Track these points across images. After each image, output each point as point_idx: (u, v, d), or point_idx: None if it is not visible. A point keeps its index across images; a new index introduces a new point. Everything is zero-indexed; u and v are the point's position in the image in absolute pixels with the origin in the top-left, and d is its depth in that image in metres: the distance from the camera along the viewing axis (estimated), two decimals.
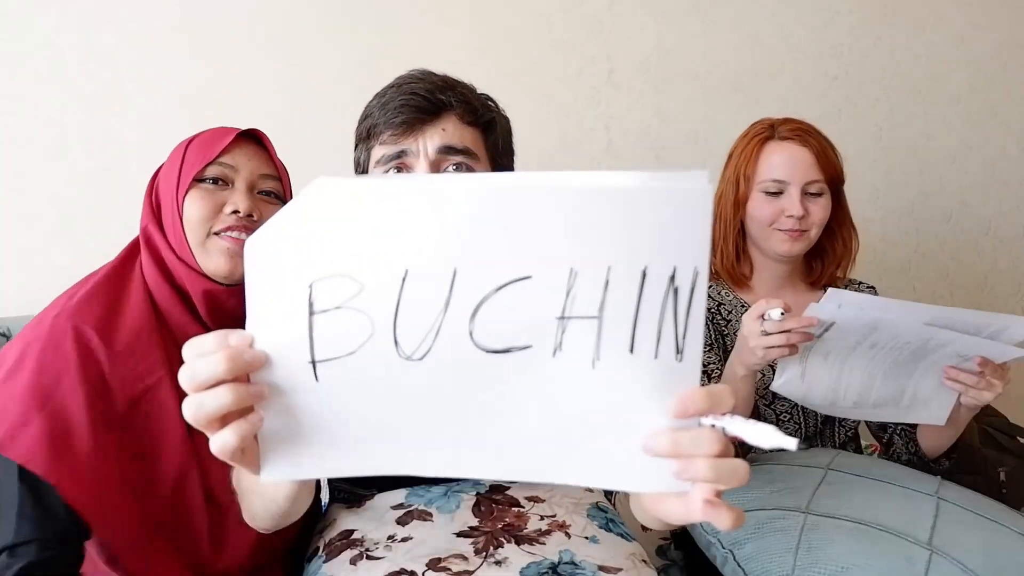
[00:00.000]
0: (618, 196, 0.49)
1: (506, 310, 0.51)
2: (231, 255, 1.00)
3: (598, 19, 1.92)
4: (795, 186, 1.31)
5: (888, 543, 1.02)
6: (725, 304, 1.38)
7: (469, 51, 1.87)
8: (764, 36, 1.99)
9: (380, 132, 0.95)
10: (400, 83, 0.96)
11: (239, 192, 1.02)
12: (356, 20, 1.82)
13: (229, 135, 1.04)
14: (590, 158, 1.95)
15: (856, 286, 1.44)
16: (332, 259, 0.52)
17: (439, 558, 0.96)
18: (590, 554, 0.99)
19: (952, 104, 2.09)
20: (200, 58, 1.76)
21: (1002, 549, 1.01)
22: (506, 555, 0.97)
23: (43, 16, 1.71)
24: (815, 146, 1.31)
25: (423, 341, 0.52)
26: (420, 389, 0.53)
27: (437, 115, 0.93)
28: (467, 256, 0.51)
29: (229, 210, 1.01)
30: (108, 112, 1.72)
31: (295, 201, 0.52)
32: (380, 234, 0.51)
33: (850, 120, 2.04)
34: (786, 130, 1.33)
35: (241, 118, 1.81)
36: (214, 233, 1.01)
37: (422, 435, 0.55)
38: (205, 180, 1.02)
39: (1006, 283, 2.16)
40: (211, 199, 1.01)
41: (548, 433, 0.54)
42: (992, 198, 2.13)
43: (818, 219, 1.32)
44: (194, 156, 1.02)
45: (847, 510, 1.08)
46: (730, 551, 1.15)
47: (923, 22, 2.06)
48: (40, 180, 1.69)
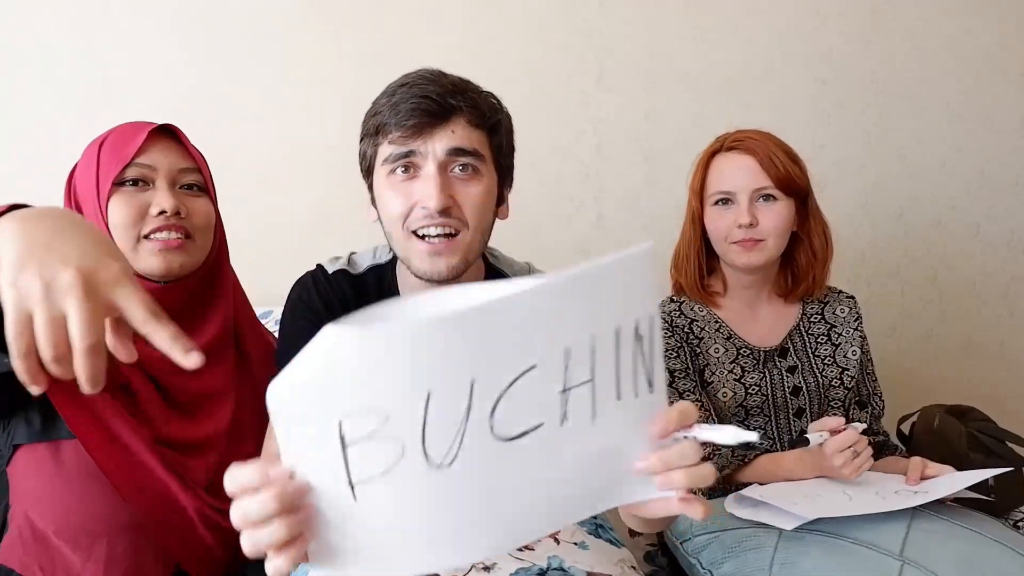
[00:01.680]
0: (586, 279, 0.57)
1: (519, 399, 0.58)
2: (164, 255, 0.99)
3: (589, 21, 1.92)
4: (743, 194, 1.30)
5: (861, 556, 1.03)
6: (698, 321, 1.38)
7: (461, 53, 1.86)
8: (755, 39, 1.99)
9: (390, 131, 0.95)
10: (412, 82, 0.96)
11: (162, 191, 1.00)
12: (349, 21, 1.81)
13: (141, 133, 1.01)
14: (580, 161, 1.94)
15: (836, 295, 1.44)
16: (356, 397, 0.55)
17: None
18: (579, 560, 1.00)
19: (942, 108, 2.09)
20: (192, 59, 1.75)
21: (977, 557, 1.02)
22: (495, 561, 0.97)
23: (35, 17, 1.70)
24: (760, 152, 1.29)
25: (450, 448, 0.57)
26: (451, 489, 0.58)
27: (447, 118, 0.94)
28: (481, 365, 0.56)
29: (155, 211, 0.99)
30: (100, 113, 1.70)
31: (309, 350, 0.54)
32: (399, 370, 0.54)
33: (840, 124, 2.04)
34: (732, 140, 1.33)
35: (233, 119, 1.82)
36: (144, 236, 0.99)
37: (458, 531, 0.60)
38: (125, 183, 0.99)
39: (995, 287, 2.16)
40: (135, 202, 0.99)
41: (562, 488, 0.62)
42: (981, 202, 2.13)
43: (771, 226, 1.30)
44: (109, 159, 0.99)
45: (821, 523, 1.09)
46: (709, 571, 1.15)
47: (913, 26, 2.06)
48: (31, 180, 1.67)
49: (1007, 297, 2.17)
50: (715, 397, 1.34)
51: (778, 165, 1.28)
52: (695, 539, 1.21)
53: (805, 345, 1.38)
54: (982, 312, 2.16)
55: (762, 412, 1.34)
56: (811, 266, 1.36)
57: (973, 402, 1.72)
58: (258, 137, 1.79)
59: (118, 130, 1.03)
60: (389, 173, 0.96)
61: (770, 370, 1.35)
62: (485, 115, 0.97)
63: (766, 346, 1.37)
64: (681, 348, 1.35)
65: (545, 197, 1.93)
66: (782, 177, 1.28)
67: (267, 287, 1.76)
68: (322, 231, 1.83)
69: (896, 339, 2.11)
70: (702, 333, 1.37)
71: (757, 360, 1.35)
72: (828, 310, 1.41)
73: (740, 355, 1.35)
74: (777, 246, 1.32)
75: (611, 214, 1.96)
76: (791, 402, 1.35)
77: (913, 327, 2.13)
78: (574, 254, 1.96)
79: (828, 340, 1.39)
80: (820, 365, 1.37)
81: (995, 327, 2.17)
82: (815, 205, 1.35)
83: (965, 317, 2.16)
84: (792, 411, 1.35)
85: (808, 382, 1.35)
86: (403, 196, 0.95)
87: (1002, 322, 2.17)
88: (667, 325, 1.36)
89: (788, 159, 1.30)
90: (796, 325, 1.39)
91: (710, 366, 1.35)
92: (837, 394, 1.37)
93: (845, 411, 1.38)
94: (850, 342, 1.39)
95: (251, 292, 1.67)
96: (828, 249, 1.36)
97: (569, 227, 1.95)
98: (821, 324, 1.40)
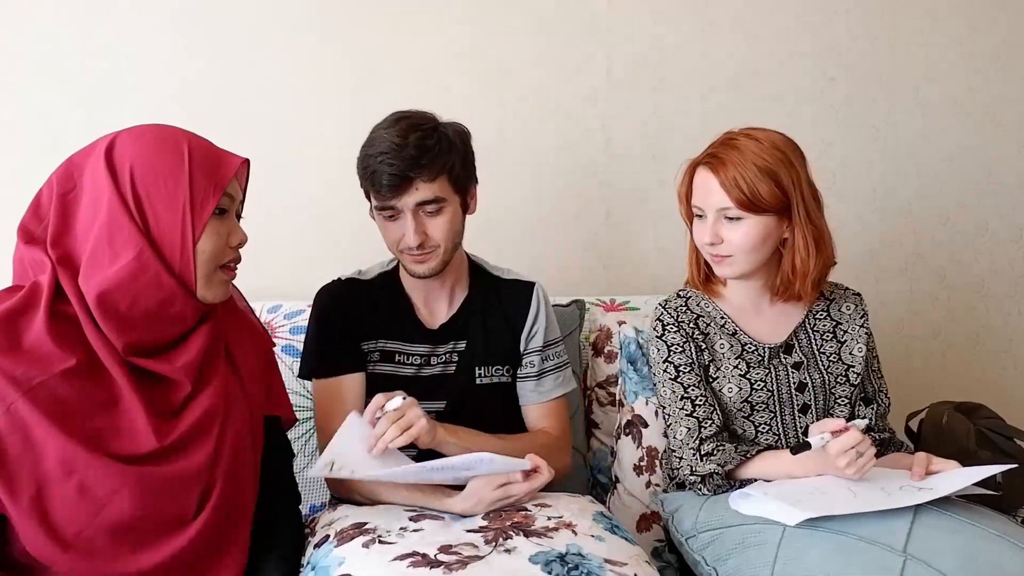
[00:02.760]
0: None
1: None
2: (226, 286, 1.03)
3: (596, 18, 1.92)
4: (709, 212, 1.29)
5: (864, 552, 1.03)
6: (703, 316, 1.38)
7: (467, 50, 1.86)
8: (762, 36, 1.99)
9: (373, 190, 1.27)
10: (381, 152, 1.23)
11: (235, 224, 1.05)
12: (353, 18, 1.82)
13: (230, 162, 1.01)
14: (588, 158, 1.94)
15: (842, 292, 1.43)
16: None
17: (450, 544, 1.00)
18: (596, 549, 1.02)
19: (950, 105, 2.09)
20: (197, 53, 1.76)
21: (981, 552, 1.02)
22: (515, 545, 1.01)
23: (40, 10, 1.71)
24: (726, 172, 1.26)
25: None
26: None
27: (410, 183, 1.23)
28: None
29: (235, 242, 1.02)
30: (105, 106, 1.72)
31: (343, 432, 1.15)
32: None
33: (848, 121, 2.04)
34: (708, 154, 1.31)
35: (237, 113, 1.82)
36: (220, 266, 1.01)
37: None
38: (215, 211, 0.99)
39: (1003, 284, 2.16)
40: (223, 231, 1.00)
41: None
42: (989, 199, 2.13)
43: (736, 244, 1.28)
44: (206, 184, 0.97)
45: (825, 519, 1.09)
46: (714, 568, 1.16)
47: (921, 23, 2.06)
48: (36, 174, 1.67)
49: (1015, 294, 2.17)
50: (720, 393, 1.34)
51: (742, 186, 1.24)
52: (699, 536, 1.22)
53: (811, 342, 1.38)
54: (990, 309, 2.15)
55: (767, 408, 1.35)
56: (793, 279, 1.32)
57: (981, 399, 1.72)
58: (264, 130, 1.79)
59: (200, 149, 1.00)
60: (379, 215, 1.30)
61: (775, 366, 1.35)
62: (440, 168, 1.25)
63: (771, 343, 1.37)
64: (687, 343, 1.35)
65: (553, 194, 1.94)
66: (743, 200, 1.25)
67: (274, 281, 1.77)
68: (328, 224, 1.83)
69: (904, 336, 2.11)
70: (708, 328, 1.37)
71: (762, 356, 1.36)
72: (834, 307, 1.41)
73: (745, 351, 1.35)
74: (748, 260, 1.30)
75: (619, 211, 1.97)
76: (796, 398, 1.35)
77: (921, 324, 2.12)
78: (582, 251, 1.96)
79: (834, 337, 1.39)
80: (825, 362, 1.37)
81: (1003, 325, 2.16)
82: (803, 216, 1.29)
83: (973, 314, 2.15)
84: (797, 407, 1.35)
85: (814, 378, 1.36)
86: (392, 231, 1.29)
87: (1010, 320, 2.17)
88: (673, 320, 1.37)
89: (759, 176, 1.25)
90: (802, 322, 1.39)
91: (715, 361, 1.35)
92: (842, 391, 1.37)
93: (850, 408, 1.38)
94: (856, 339, 1.39)
95: (258, 287, 1.68)
96: (812, 261, 1.30)
97: (577, 224, 1.96)
98: (827, 321, 1.40)
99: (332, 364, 1.33)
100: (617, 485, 1.53)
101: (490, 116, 1.86)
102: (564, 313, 1.61)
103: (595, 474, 1.62)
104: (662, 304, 1.41)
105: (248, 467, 1.05)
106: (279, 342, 1.56)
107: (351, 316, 1.35)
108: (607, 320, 1.66)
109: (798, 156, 1.30)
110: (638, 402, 1.52)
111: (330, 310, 1.36)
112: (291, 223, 1.82)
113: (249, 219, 1.93)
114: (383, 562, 0.97)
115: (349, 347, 1.34)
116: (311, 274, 1.47)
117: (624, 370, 1.55)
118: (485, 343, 1.39)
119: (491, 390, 1.38)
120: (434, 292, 1.39)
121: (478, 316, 1.40)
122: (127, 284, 0.93)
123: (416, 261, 1.29)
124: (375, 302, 1.37)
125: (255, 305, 1.60)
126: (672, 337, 1.36)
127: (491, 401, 1.38)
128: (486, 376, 1.38)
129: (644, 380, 1.51)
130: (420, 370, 1.37)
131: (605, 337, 1.64)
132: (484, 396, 1.38)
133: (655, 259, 1.98)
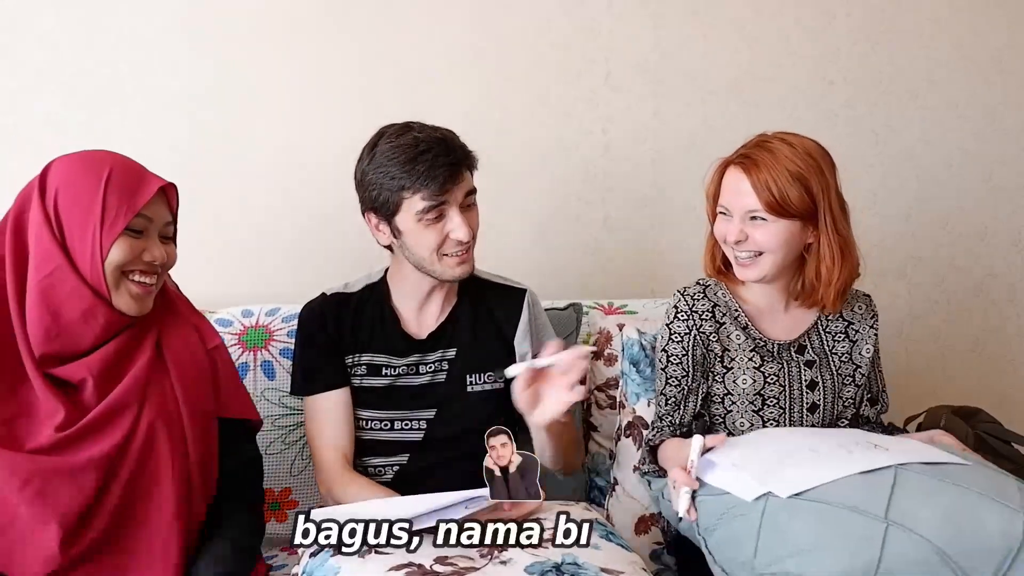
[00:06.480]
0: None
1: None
2: (140, 299, 1.10)
3: (596, 21, 1.92)
4: (736, 213, 1.29)
5: (846, 520, 1.02)
6: (720, 306, 1.38)
7: (468, 53, 1.87)
8: (762, 39, 1.99)
9: (420, 188, 1.24)
10: (429, 148, 1.24)
11: (154, 242, 1.11)
12: (355, 21, 1.82)
13: (148, 186, 1.09)
14: (588, 161, 1.95)
15: (853, 293, 1.43)
16: None
17: (446, 556, 1.01)
18: (592, 558, 1.03)
19: (949, 109, 2.09)
20: (197, 60, 1.76)
21: (963, 511, 1.01)
22: (511, 556, 1.02)
23: (42, 14, 1.71)
24: (758, 174, 1.26)
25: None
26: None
27: (461, 174, 1.27)
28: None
29: (147, 259, 1.09)
30: (105, 112, 1.72)
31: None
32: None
33: (847, 124, 2.04)
34: (741, 154, 1.31)
35: (237, 120, 1.82)
36: (128, 277, 1.08)
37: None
38: (127, 230, 1.07)
39: (1002, 288, 2.16)
40: (135, 247, 1.08)
41: None
42: (988, 203, 2.13)
43: (761, 244, 1.28)
44: (119, 204, 1.06)
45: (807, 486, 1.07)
46: (703, 539, 1.15)
47: (921, 27, 2.06)
48: None
49: (1014, 298, 2.17)
50: (734, 383, 1.35)
51: (772, 189, 1.25)
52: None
53: (823, 343, 1.39)
54: (989, 313, 2.16)
55: (778, 403, 1.35)
56: (817, 285, 1.32)
57: (980, 404, 1.73)
58: (266, 135, 1.80)
59: (122, 172, 1.09)
60: (423, 218, 1.26)
61: (788, 362, 1.36)
62: (472, 163, 1.31)
63: (783, 340, 1.37)
64: (688, 334, 1.35)
65: (552, 197, 1.94)
66: (772, 203, 1.25)
67: (272, 286, 1.77)
68: (328, 229, 1.83)
69: (903, 340, 2.11)
70: (723, 319, 1.37)
71: (773, 353, 1.36)
72: (846, 307, 1.41)
73: (757, 345, 1.36)
74: (774, 261, 1.30)
75: (618, 214, 1.97)
76: (807, 396, 1.36)
77: (920, 328, 2.13)
78: (581, 254, 1.96)
79: (846, 337, 1.40)
80: (837, 362, 1.38)
81: (1002, 328, 2.17)
82: (829, 225, 1.29)
83: (972, 318, 2.15)
84: (806, 406, 1.36)
85: (824, 378, 1.36)
86: (432, 235, 1.27)
87: (1009, 323, 2.17)
88: (687, 308, 1.37)
89: (791, 181, 1.25)
90: (814, 323, 1.40)
91: (729, 351, 1.35)
92: (848, 392, 1.38)
93: (856, 408, 1.40)
94: (866, 340, 1.40)
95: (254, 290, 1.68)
96: (838, 270, 1.30)
97: (576, 227, 1.96)
98: (839, 321, 1.40)
99: (317, 382, 1.35)
100: (616, 487, 1.53)
101: (490, 119, 1.87)
102: (561, 316, 1.61)
103: (592, 477, 1.62)
104: (680, 291, 1.41)
105: (167, 463, 1.08)
106: (277, 345, 1.55)
107: (332, 332, 1.36)
108: (607, 323, 1.66)
109: (829, 165, 1.32)
110: (639, 404, 1.52)
111: (312, 328, 1.38)
112: (291, 225, 1.83)
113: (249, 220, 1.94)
114: (379, 571, 0.98)
115: (332, 363, 1.36)
116: (311, 275, 1.48)
117: (626, 372, 1.55)
118: (476, 351, 1.39)
119: (483, 397, 1.38)
120: (433, 299, 1.39)
121: (467, 323, 1.40)
122: (49, 293, 1.04)
123: (461, 261, 1.30)
124: (359, 316, 1.38)
125: (253, 308, 1.62)
126: (678, 326, 1.37)
127: (483, 409, 1.36)
128: (478, 384, 1.38)
129: (647, 382, 1.51)
130: (410, 379, 1.38)
131: (605, 340, 1.64)
132: (476, 403, 1.37)
133: (655, 262, 1.98)
